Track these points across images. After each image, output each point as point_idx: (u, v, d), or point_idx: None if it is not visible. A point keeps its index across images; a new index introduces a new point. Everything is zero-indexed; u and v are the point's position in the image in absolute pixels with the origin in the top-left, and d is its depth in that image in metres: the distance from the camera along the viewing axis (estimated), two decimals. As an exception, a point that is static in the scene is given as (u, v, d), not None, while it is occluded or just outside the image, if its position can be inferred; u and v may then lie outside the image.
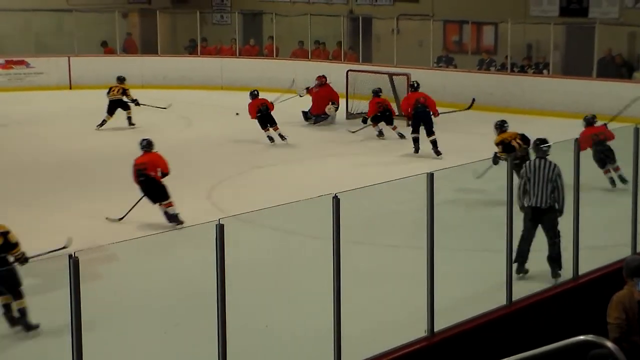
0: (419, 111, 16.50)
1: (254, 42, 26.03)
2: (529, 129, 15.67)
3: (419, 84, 17.43)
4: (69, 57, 24.42)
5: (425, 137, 16.40)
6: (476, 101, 18.82)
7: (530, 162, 9.42)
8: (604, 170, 13.14)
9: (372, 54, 24.52)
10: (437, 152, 16.31)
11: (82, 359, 5.56)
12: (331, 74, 20.98)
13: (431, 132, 16.44)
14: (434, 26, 22.61)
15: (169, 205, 12.08)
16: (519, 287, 8.10)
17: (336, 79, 20.52)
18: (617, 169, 13.01)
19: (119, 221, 12.16)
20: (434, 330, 7.34)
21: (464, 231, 10.38)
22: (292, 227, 9.91)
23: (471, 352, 7.52)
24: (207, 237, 6.08)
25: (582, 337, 5.47)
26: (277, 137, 17.40)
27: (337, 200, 6.53)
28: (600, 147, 13.21)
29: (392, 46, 22.86)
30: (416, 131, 16.54)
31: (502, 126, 12.88)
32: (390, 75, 20.41)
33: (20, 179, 14.53)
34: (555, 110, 19.68)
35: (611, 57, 20.60)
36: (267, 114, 17.56)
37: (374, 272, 9.26)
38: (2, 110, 20.86)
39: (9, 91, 23.28)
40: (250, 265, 8.77)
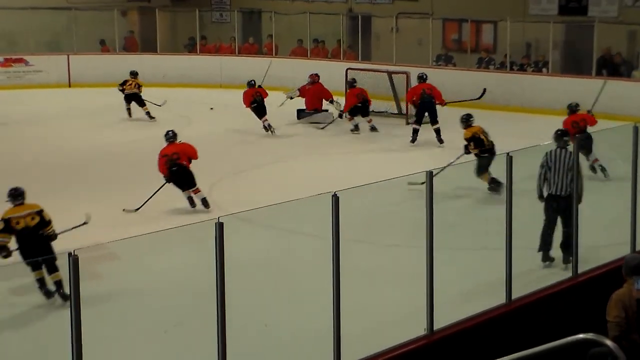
0: (425, 101, 17.07)
1: (253, 41, 26.03)
2: (528, 127, 15.74)
3: (427, 76, 17.86)
4: (68, 55, 24.42)
5: (423, 133, 16.47)
6: (475, 99, 18.82)
7: (551, 152, 9.68)
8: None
9: (372, 52, 24.52)
10: (439, 140, 16.83)
11: (82, 357, 5.55)
12: (330, 72, 21.00)
13: (435, 121, 16.96)
14: (433, 25, 22.60)
15: (198, 191, 12.74)
16: (518, 285, 8.09)
17: (335, 77, 20.53)
18: (595, 161, 13.28)
19: (136, 212, 12.50)
20: (434, 328, 7.34)
21: (463, 229, 10.38)
22: (291, 226, 9.90)
23: (471, 350, 7.52)
24: (206, 236, 6.08)
25: (581, 336, 5.48)
26: (269, 129, 18.10)
27: (336, 198, 6.52)
28: (578, 134, 13.24)
29: (392, 44, 22.85)
30: (419, 122, 17.04)
31: (468, 120, 13.30)
32: (389, 73, 20.41)
33: (19, 178, 14.46)
34: (554, 108, 19.63)
35: (610, 55, 20.60)
36: (261, 104, 18.16)
37: (374, 271, 9.25)
38: (1, 108, 20.84)
39: (8, 89, 23.29)
40: (249, 264, 8.77)
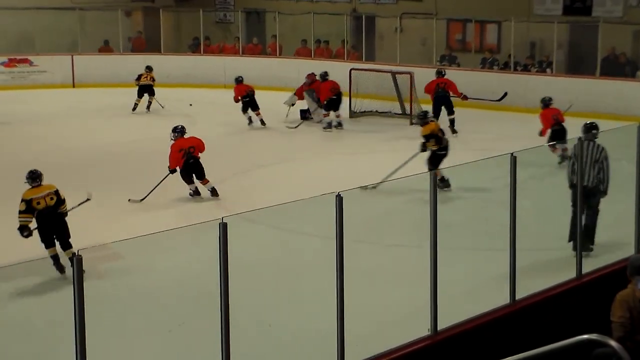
0: (440, 95, 17.96)
1: (257, 41, 26.02)
2: (532, 127, 15.68)
3: (445, 72, 18.69)
4: (72, 56, 24.45)
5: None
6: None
7: (579, 144, 9.84)
8: (554, 149, 14.10)
9: (375, 52, 24.50)
10: (453, 131, 17.51)
11: (86, 357, 5.55)
12: (334, 72, 20.96)
13: (451, 112, 17.91)
14: (437, 25, 22.57)
15: (207, 181, 13.39)
16: (522, 286, 8.08)
17: (339, 77, 20.49)
18: (565, 150, 13.86)
19: (140, 202, 12.91)
20: (437, 329, 7.33)
21: (467, 229, 10.38)
22: (294, 226, 9.91)
23: (474, 351, 7.51)
24: (210, 235, 6.07)
25: (585, 336, 5.47)
26: (258, 122, 18.90)
27: (340, 198, 6.52)
28: (557, 126, 14.83)
29: (395, 45, 22.84)
30: (437, 115, 17.54)
31: (425, 117, 13.76)
32: (393, 74, 20.39)
33: (20, 178, 14.49)
34: (558, 108, 19.63)
35: (615, 55, 20.57)
36: (253, 99, 18.97)
37: (377, 271, 9.25)
38: (6, 108, 20.88)
39: (13, 89, 23.32)
40: (253, 264, 8.77)
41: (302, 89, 19.84)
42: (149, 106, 20.86)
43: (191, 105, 21.33)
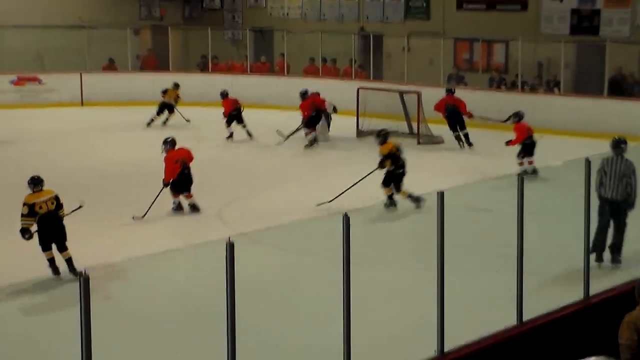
0: (450, 111, 18.68)
1: (265, 59, 26.11)
2: (540, 147, 15.68)
3: (454, 90, 19.41)
4: (80, 74, 24.51)
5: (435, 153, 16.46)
6: (487, 119, 18.86)
7: (607, 158, 10.17)
8: (521, 162, 15.20)
9: (383, 71, 24.55)
10: (469, 144, 18.51)
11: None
12: (342, 91, 21.04)
13: (463, 127, 18.66)
14: (445, 44, 22.62)
15: (191, 195, 13.45)
16: (530, 306, 8.05)
17: (347, 96, 20.55)
18: (531, 163, 15.17)
19: (142, 218, 12.91)
20: (444, 350, 7.30)
21: (474, 250, 10.35)
22: (301, 246, 9.89)
23: (481, 372, 7.47)
24: (217, 255, 6.07)
25: (593, 358, 5.45)
26: (243, 135, 19.59)
27: (347, 218, 6.51)
28: (529, 140, 15.50)
29: (403, 64, 22.89)
30: (454, 129, 18.70)
31: (385, 137, 13.80)
32: (401, 93, 20.40)
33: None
34: (566, 128, 19.64)
35: (622, 75, 20.57)
36: (240, 113, 19.71)
37: (383, 292, 9.23)
38: (15, 126, 20.93)
39: (22, 108, 23.38)
40: (261, 283, 8.76)
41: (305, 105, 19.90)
42: (165, 121, 21.18)
43: (189, 121, 21.53)
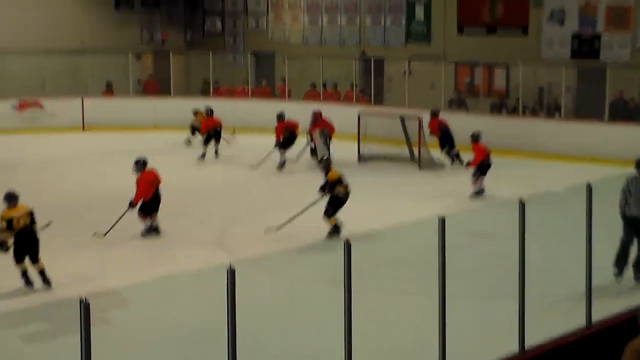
0: (443, 132, 19.41)
1: (266, 84, 26.17)
2: (540, 172, 15.70)
3: (439, 110, 20.23)
4: (82, 99, 24.54)
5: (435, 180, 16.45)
6: (488, 144, 18.84)
7: (631, 178, 10.50)
8: (475, 180, 16.00)
9: (384, 95, 24.59)
10: (461, 162, 18.65)
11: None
12: (343, 115, 21.02)
13: (453, 146, 19.28)
14: (446, 68, 22.67)
15: (156, 218, 13.46)
16: (531, 334, 8.01)
17: (348, 121, 20.55)
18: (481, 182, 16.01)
19: (104, 237, 13.01)
20: (446, 377, 7.25)
21: (476, 276, 10.32)
22: (302, 271, 9.86)
23: (484, 399, 7.43)
24: (217, 281, 6.04)
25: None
26: (212, 153, 20.18)
27: (348, 244, 6.49)
28: (487, 160, 16.23)
29: (404, 88, 22.93)
30: (444, 148, 19.40)
31: (329, 163, 13.82)
32: (402, 118, 20.42)
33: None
34: (567, 153, 19.64)
35: (623, 99, 20.59)
36: (219, 133, 20.34)
37: (385, 318, 9.19)
38: (15, 152, 20.94)
39: (23, 133, 23.39)
40: (262, 310, 8.73)
41: (311, 128, 19.94)
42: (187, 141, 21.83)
43: (190, 142, 21.84)
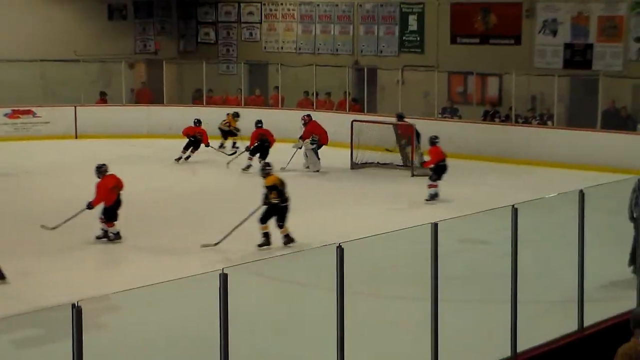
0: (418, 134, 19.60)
1: (260, 92, 26.20)
2: (533, 179, 15.74)
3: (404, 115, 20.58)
4: (75, 107, 24.53)
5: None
6: (481, 152, 18.92)
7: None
8: (431, 184, 16.44)
9: (377, 104, 24.62)
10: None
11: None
12: (336, 124, 21.08)
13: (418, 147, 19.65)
14: (439, 77, 22.73)
15: (115, 224, 13.53)
16: (523, 338, 8.03)
17: (341, 129, 20.60)
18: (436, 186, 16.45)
19: (53, 230, 13.21)
20: (439, 382, 7.26)
21: (468, 281, 10.33)
22: (296, 277, 9.86)
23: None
24: (210, 287, 6.05)
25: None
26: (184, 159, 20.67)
27: (341, 250, 6.50)
28: (443, 162, 16.63)
29: (397, 96, 22.97)
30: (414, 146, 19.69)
31: (264, 169, 13.75)
32: (395, 125, 20.47)
33: (24, 227, 14.50)
34: (559, 161, 19.70)
35: (615, 108, 20.66)
36: (198, 142, 20.92)
37: (378, 323, 9.19)
38: (9, 159, 20.90)
39: (16, 140, 23.37)
40: (254, 315, 8.72)
41: (305, 134, 20.06)
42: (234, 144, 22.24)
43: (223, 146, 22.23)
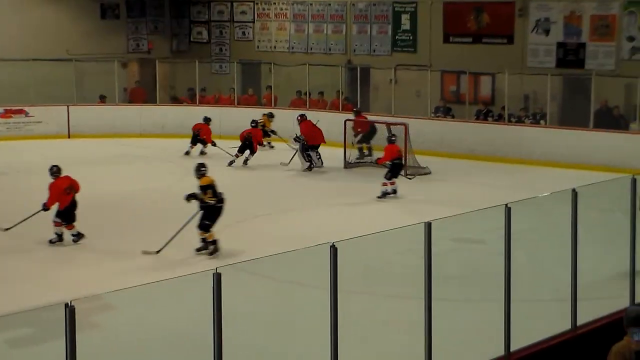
0: (371, 126, 20.67)
1: (252, 92, 26.19)
2: (526, 178, 15.77)
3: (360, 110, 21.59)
4: (67, 106, 24.50)
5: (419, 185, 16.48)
6: (474, 151, 18.94)
7: None
8: (389, 182, 16.86)
9: (370, 103, 24.63)
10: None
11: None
12: (329, 123, 21.08)
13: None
14: (432, 76, 22.75)
15: (74, 226, 13.43)
16: (517, 337, 8.04)
17: (334, 128, 20.61)
18: (393, 183, 16.92)
19: (6, 231, 13.33)
20: (433, 381, 7.26)
21: (462, 280, 10.34)
22: (289, 277, 9.86)
23: (470, 403, 7.44)
24: (204, 286, 6.04)
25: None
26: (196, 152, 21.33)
27: (334, 249, 6.50)
28: (398, 160, 17.10)
29: (390, 96, 22.99)
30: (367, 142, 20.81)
31: (199, 170, 13.51)
32: (387, 125, 20.48)
33: (17, 228, 14.47)
34: (552, 160, 19.74)
35: (607, 107, 20.70)
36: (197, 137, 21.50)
37: (372, 322, 9.20)
38: (1, 158, 20.85)
39: (8, 140, 23.32)
40: (248, 315, 8.72)
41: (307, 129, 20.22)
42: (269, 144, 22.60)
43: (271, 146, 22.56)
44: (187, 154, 21.27)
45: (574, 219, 8.82)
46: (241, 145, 20.34)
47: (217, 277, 5.94)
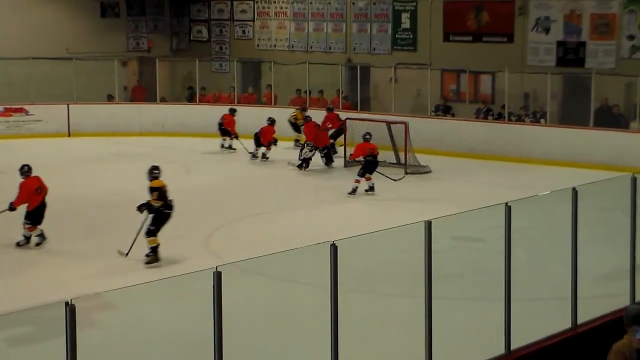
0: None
1: (252, 90, 26.18)
2: (526, 177, 15.77)
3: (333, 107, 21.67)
4: (68, 105, 24.48)
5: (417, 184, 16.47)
6: (474, 149, 18.93)
7: None
8: (366, 177, 17.06)
9: (370, 102, 24.63)
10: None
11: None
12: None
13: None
14: (432, 75, 22.74)
15: (37, 228, 13.34)
16: (517, 335, 8.03)
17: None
18: (369, 179, 17.15)
19: None
20: (433, 379, 7.26)
21: (462, 279, 10.34)
22: (290, 275, 9.86)
23: (470, 402, 7.44)
24: (204, 285, 6.04)
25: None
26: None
27: (334, 248, 6.50)
28: (372, 158, 17.20)
29: (390, 94, 22.98)
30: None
31: (152, 172, 13.18)
32: (387, 123, 20.47)
33: (16, 226, 14.46)
34: (552, 159, 19.74)
35: (608, 106, 20.69)
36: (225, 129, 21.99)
37: (372, 321, 9.19)
38: (1, 157, 20.83)
39: (8, 138, 23.31)
40: (248, 313, 8.71)
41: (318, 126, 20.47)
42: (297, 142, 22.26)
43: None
44: (253, 156, 21.10)
45: (574, 218, 8.82)
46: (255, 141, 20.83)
47: (218, 276, 5.94)
